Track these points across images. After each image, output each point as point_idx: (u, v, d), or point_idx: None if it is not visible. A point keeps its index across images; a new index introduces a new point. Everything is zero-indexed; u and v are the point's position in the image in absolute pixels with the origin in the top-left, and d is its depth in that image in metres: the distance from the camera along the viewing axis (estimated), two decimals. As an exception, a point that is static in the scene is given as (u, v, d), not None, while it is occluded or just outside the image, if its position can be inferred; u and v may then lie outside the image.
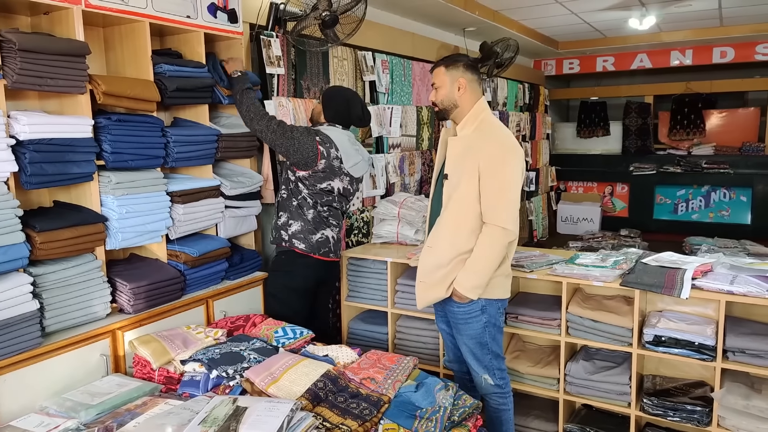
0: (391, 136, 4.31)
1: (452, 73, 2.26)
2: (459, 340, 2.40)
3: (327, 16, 3.13)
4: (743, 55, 6.98)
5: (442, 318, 2.50)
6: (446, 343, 2.59)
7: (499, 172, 2.17)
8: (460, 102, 2.27)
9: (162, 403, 1.81)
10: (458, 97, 2.27)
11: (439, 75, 2.29)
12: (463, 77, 2.26)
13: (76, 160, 2.10)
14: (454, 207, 2.23)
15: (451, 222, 2.24)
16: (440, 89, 2.29)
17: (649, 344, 2.48)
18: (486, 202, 2.18)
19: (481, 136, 2.24)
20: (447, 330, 2.51)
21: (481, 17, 5.03)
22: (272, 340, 2.26)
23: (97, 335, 2.14)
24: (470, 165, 2.19)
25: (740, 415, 2.35)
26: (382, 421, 1.79)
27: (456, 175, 2.23)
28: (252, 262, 2.90)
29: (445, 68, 2.27)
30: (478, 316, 2.30)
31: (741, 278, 2.38)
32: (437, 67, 2.30)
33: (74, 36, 2.13)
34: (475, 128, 2.25)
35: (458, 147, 2.25)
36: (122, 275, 2.28)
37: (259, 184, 2.96)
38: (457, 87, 2.26)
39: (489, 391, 2.41)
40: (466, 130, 2.26)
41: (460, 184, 2.21)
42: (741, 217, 7.25)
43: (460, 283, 2.22)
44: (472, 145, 2.22)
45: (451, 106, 2.29)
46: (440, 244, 2.26)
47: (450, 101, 2.28)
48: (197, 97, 2.62)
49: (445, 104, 2.29)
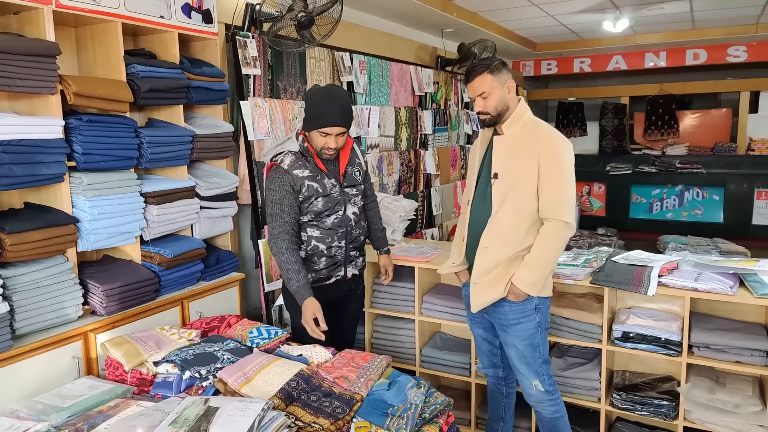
0: (369, 136, 4.34)
1: (500, 78, 2.19)
2: (507, 343, 2.31)
3: (303, 17, 3.14)
4: (715, 57, 7.15)
5: (479, 322, 2.45)
6: (480, 349, 2.52)
7: (560, 165, 2.15)
8: (511, 103, 2.23)
9: (134, 405, 1.81)
10: (510, 99, 2.22)
11: (486, 82, 2.18)
12: (509, 78, 2.22)
13: (46, 161, 2.08)
14: (511, 205, 2.18)
15: (509, 220, 2.19)
16: (491, 96, 2.19)
17: (618, 340, 2.54)
18: (547, 197, 2.15)
19: (532, 132, 2.21)
20: (483, 335, 2.46)
21: (458, 18, 5.07)
22: (246, 340, 2.27)
23: (68, 338, 2.12)
24: (526, 161, 2.16)
25: (705, 409, 2.42)
26: (354, 419, 1.81)
27: (509, 173, 2.19)
28: (228, 263, 2.90)
29: (492, 74, 2.18)
30: (532, 315, 2.25)
31: (705, 275, 2.45)
32: (480, 75, 2.19)
33: (45, 36, 2.11)
34: (522, 124, 2.22)
35: (506, 145, 2.22)
36: (94, 277, 2.27)
37: (235, 185, 2.96)
38: (507, 90, 2.21)
39: (540, 399, 2.32)
40: (513, 128, 2.22)
41: (518, 181, 2.17)
42: (714, 215, 7.41)
43: (521, 279, 2.17)
44: (523, 142, 2.19)
45: (504, 110, 2.22)
46: (497, 243, 2.21)
47: (504, 106, 2.21)
48: (171, 98, 2.61)
49: (499, 110, 2.21)
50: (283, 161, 2.35)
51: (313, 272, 2.43)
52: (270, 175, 2.37)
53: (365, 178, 2.59)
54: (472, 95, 2.24)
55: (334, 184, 2.40)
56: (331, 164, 2.41)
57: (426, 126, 5.22)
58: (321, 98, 2.30)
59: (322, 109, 2.27)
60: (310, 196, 2.34)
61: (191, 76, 2.67)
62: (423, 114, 5.17)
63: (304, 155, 2.37)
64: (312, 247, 2.40)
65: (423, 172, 5.15)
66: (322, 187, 2.36)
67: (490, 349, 2.49)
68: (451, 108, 5.85)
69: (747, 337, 2.36)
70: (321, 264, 2.43)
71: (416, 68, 5.07)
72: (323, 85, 2.44)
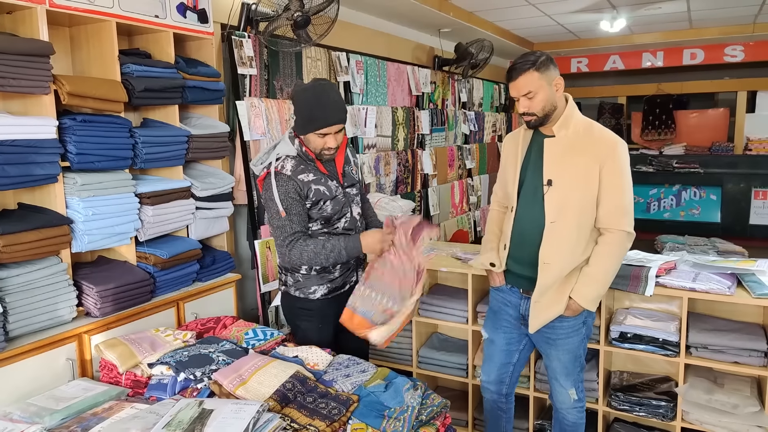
0: (366, 136, 4.33)
1: (547, 75, 2.01)
2: (551, 356, 2.21)
3: (299, 16, 3.13)
4: (712, 57, 7.15)
5: (507, 331, 2.27)
6: (493, 361, 2.33)
7: (623, 172, 2.02)
8: (559, 103, 2.06)
9: (128, 407, 1.79)
10: (558, 98, 2.05)
11: (533, 81, 2.00)
12: (557, 75, 2.04)
13: (39, 162, 2.06)
14: (571, 215, 2.02)
15: (570, 232, 2.03)
16: (538, 95, 2.01)
17: (615, 341, 2.54)
18: (609, 206, 2.01)
19: (588, 134, 2.05)
20: (505, 347, 2.29)
21: (455, 18, 5.07)
22: (242, 341, 2.26)
23: (62, 339, 2.11)
24: (585, 167, 2.01)
25: (703, 409, 2.42)
26: (350, 420, 1.80)
27: (566, 180, 2.02)
28: (224, 264, 2.88)
29: (538, 71, 1.99)
30: (580, 329, 2.16)
31: (703, 275, 2.44)
32: (526, 73, 2.00)
33: (38, 36, 2.10)
34: (574, 126, 2.06)
35: (560, 149, 2.05)
36: (89, 278, 2.25)
37: (231, 185, 2.94)
38: (555, 87, 2.03)
39: (570, 406, 2.26)
40: (565, 130, 2.06)
41: (577, 189, 2.01)
42: (711, 215, 7.41)
43: (583, 295, 2.05)
44: (579, 146, 2.03)
45: (552, 110, 2.05)
46: (559, 258, 2.05)
47: (552, 105, 2.04)
48: (166, 98, 2.60)
49: (547, 110, 2.03)
50: (284, 167, 2.16)
51: (329, 282, 2.29)
52: (268, 184, 2.16)
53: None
54: (516, 95, 2.06)
55: (337, 186, 2.26)
56: (329, 166, 2.27)
57: (423, 126, 5.21)
58: (311, 98, 2.13)
59: (316, 110, 2.12)
60: (318, 201, 2.19)
61: (186, 76, 2.65)
62: (420, 114, 5.16)
63: (304, 159, 2.20)
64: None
65: (420, 173, 5.14)
66: (328, 189, 2.21)
67: (505, 364, 2.32)
68: (449, 108, 5.84)
69: (745, 338, 2.35)
70: (336, 272, 2.30)
71: (413, 68, 5.06)
72: (308, 83, 2.23)
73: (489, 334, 2.35)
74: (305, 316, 2.33)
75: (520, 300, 2.22)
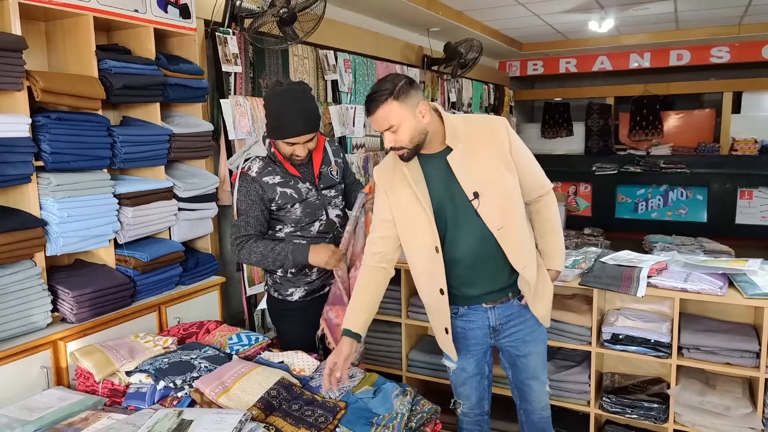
0: (354, 136, 4.26)
1: (408, 103, 1.79)
2: (529, 354, 2.08)
3: (285, 13, 3.07)
4: (698, 58, 7.19)
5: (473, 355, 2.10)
6: (468, 387, 2.17)
7: (520, 141, 1.98)
8: (429, 127, 1.85)
9: (105, 418, 1.71)
10: (426, 124, 1.83)
11: (392, 112, 1.78)
12: (418, 100, 1.82)
13: (12, 161, 1.97)
14: (512, 208, 1.91)
15: (519, 224, 1.94)
16: (402, 127, 1.80)
17: (607, 342, 2.50)
18: (532, 175, 1.99)
19: (477, 131, 1.92)
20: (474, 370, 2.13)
21: (444, 17, 5.02)
22: (226, 347, 2.18)
23: (36, 346, 2.02)
24: (497, 158, 1.89)
25: (695, 411, 2.39)
26: (337, 428, 1.73)
27: (488, 183, 1.88)
28: (208, 267, 2.81)
29: (398, 101, 1.78)
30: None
31: (695, 276, 2.41)
32: (384, 105, 1.78)
33: (10, 30, 2.01)
34: (462, 131, 1.90)
35: (464, 159, 1.88)
36: (64, 282, 2.17)
37: (215, 186, 2.86)
38: (421, 115, 1.82)
39: (546, 404, 2.19)
40: (458, 141, 1.88)
41: (502, 185, 1.90)
42: (697, 215, 7.45)
43: (558, 263, 2.08)
44: (475, 146, 1.89)
45: (422, 139, 1.84)
46: (527, 253, 1.97)
47: (421, 134, 1.83)
48: (147, 95, 2.52)
49: (416, 140, 1.83)
50: (251, 168, 2.16)
51: (306, 285, 2.31)
52: (237, 184, 2.17)
53: (345, 176, 2.43)
54: (379, 129, 1.84)
55: (310, 188, 2.23)
56: (304, 167, 2.23)
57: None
58: (279, 105, 2.07)
59: (283, 119, 2.06)
60: (285, 204, 2.18)
61: (168, 73, 2.57)
62: (408, 114, 5.10)
63: (273, 161, 2.19)
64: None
65: (409, 173, 5.08)
66: (297, 192, 2.19)
67: (480, 382, 2.17)
68: (437, 108, 5.79)
69: (737, 338, 2.32)
70: (313, 275, 2.32)
71: (402, 67, 5.01)
72: (280, 87, 2.13)
73: (458, 364, 2.11)
74: (286, 318, 2.35)
75: (486, 313, 2.03)
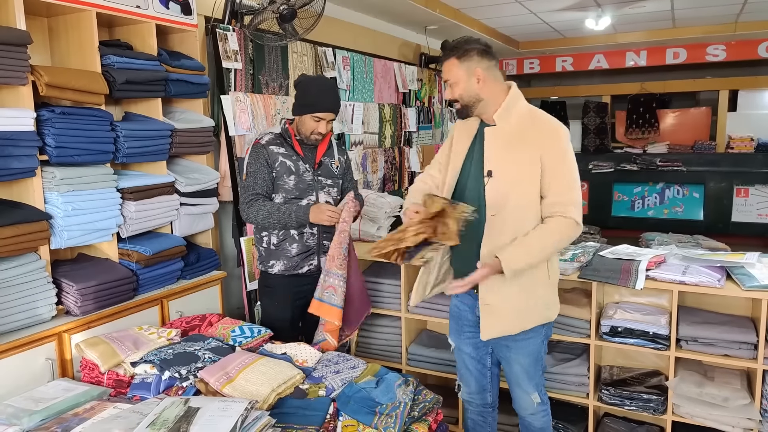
0: (353, 133, 4.28)
1: (467, 65, 1.92)
2: (510, 360, 2.07)
3: (285, 10, 3.08)
4: (695, 56, 7.22)
5: (469, 338, 2.12)
6: (468, 370, 2.19)
7: (567, 162, 1.92)
8: (483, 94, 1.95)
9: (110, 407, 1.73)
10: (479, 89, 1.94)
11: (451, 69, 1.95)
12: (479, 66, 1.92)
13: (16, 155, 1.99)
14: (512, 207, 1.90)
15: (511, 226, 1.90)
16: (456, 85, 1.95)
17: (606, 335, 2.52)
18: (555, 197, 1.90)
19: (530, 124, 1.94)
20: (474, 353, 2.14)
21: (442, 15, 5.05)
22: (229, 339, 2.20)
23: (41, 338, 2.04)
24: (529, 158, 1.89)
25: (694, 403, 2.41)
26: (341, 417, 1.76)
27: (507, 170, 1.91)
28: (209, 261, 2.82)
29: (458, 60, 1.93)
30: (539, 329, 2.03)
31: (693, 268, 2.44)
32: (447, 60, 1.96)
33: (15, 25, 2.03)
34: (518, 117, 1.95)
35: (501, 138, 1.94)
36: (69, 275, 2.18)
37: (216, 181, 2.88)
38: (476, 79, 1.93)
39: (535, 411, 2.14)
40: (506, 119, 1.94)
41: (519, 180, 1.90)
42: (694, 213, 7.49)
43: (509, 258, 1.84)
44: (520, 136, 1.92)
45: (473, 101, 1.95)
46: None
47: (471, 96, 1.94)
48: (149, 91, 2.53)
49: (465, 100, 1.96)
50: (263, 137, 2.48)
51: (285, 259, 2.48)
52: (249, 152, 2.48)
53: (345, 178, 2.62)
54: (444, 79, 2.03)
55: (308, 169, 2.48)
56: (308, 151, 2.49)
57: (410, 123, 5.18)
58: (315, 85, 2.44)
59: (318, 96, 2.39)
60: (282, 173, 2.43)
61: (169, 69, 2.59)
62: (407, 111, 5.13)
63: (283, 136, 2.48)
64: (284, 232, 2.45)
65: (407, 170, 5.11)
66: (295, 166, 2.44)
67: (480, 370, 2.17)
68: (435, 105, 5.82)
69: (735, 330, 2.35)
70: (293, 250, 2.47)
71: (400, 65, 5.04)
72: (315, 76, 2.63)
73: (455, 342, 2.20)
74: (266, 294, 2.58)
75: (476, 301, 2.03)
